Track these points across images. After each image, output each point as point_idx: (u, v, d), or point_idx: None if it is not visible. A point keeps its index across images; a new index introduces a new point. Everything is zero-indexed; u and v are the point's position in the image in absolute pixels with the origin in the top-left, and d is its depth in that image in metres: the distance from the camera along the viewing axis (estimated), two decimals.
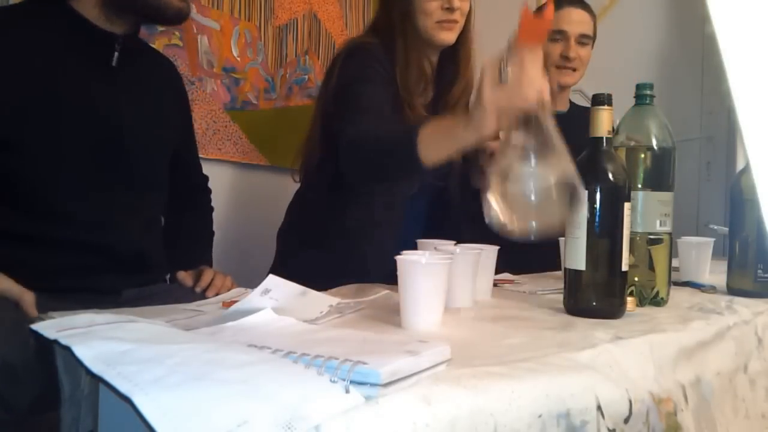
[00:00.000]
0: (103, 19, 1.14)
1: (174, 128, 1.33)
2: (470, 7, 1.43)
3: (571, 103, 1.98)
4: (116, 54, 1.15)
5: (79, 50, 1.12)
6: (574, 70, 1.86)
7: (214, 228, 1.48)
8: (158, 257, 1.25)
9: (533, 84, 0.89)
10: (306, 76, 2.37)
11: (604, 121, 0.97)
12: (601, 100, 0.97)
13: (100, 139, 1.12)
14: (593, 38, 1.88)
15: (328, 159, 1.45)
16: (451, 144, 1.03)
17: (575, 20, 1.84)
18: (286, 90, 2.27)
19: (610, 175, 0.95)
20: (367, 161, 1.20)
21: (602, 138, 0.96)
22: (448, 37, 1.39)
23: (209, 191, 1.48)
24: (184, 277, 1.27)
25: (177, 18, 1.17)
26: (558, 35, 1.84)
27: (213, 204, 1.50)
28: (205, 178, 1.47)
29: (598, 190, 0.93)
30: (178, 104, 1.36)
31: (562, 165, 0.84)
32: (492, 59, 0.92)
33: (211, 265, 1.35)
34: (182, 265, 1.30)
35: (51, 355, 0.69)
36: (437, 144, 1.04)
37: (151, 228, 1.24)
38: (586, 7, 1.88)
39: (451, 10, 1.36)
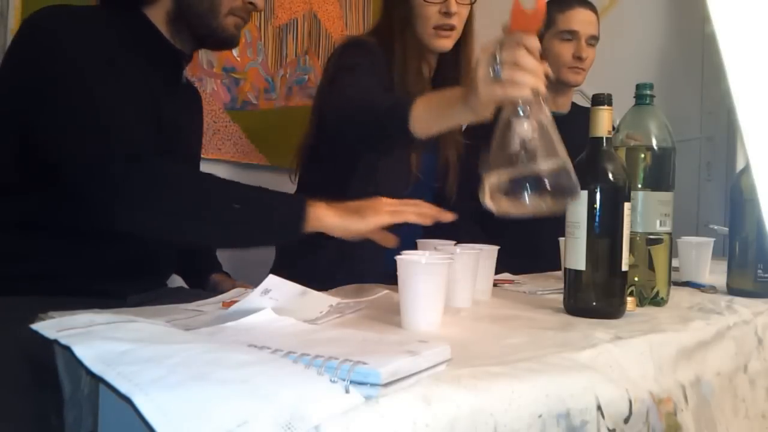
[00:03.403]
0: (170, 35, 1.14)
1: (199, 146, 1.37)
2: (471, 13, 1.43)
3: (572, 104, 1.98)
4: (184, 72, 1.17)
5: (151, 61, 1.10)
6: (584, 69, 1.86)
7: None
8: (169, 261, 1.25)
9: (527, 79, 0.86)
10: (306, 76, 2.37)
11: (604, 121, 0.97)
12: (600, 100, 0.97)
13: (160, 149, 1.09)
14: (598, 39, 1.88)
15: (321, 154, 1.47)
16: (445, 121, 1.03)
17: (586, 20, 1.84)
18: (286, 90, 2.28)
19: (610, 175, 0.95)
20: (355, 123, 1.18)
21: (602, 138, 0.96)
22: (445, 44, 1.40)
23: None
24: (224, 279, 1.34)
25: (227, 44, 1.17)
26: (569, 35, 1.84)
27: None
28: None
29: (598, 190, 0.93)
30: (201, 126, 1.39)
31: (556, 156, 0.83)
32: (486, 51, 0.90)
33: None
34: (213, 268, 1.38)
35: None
36: (431, 118, 1.02)
37: None
38: (593, 8, 1.88)
39: (448, 15, 1.36)
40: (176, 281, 1.37)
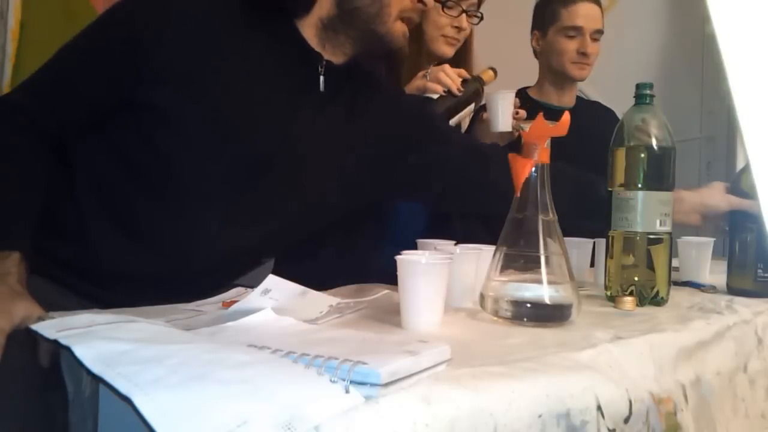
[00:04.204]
0: (319, 41, 1.06)
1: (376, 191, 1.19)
2: (471, 30, 1.61)
3: (577, 98, 1.98)
4: (322, 78, 1.05)
5: (279, 65, 1.03)
6: (589, 65, 1.87)
7: None
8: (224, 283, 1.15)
9: (445, 80, 1.41)
10: None
11: None
12: None
13: (260, 160, 1.02)
14: (602, 32, 1.89)
15: None
16: None
17: (590, 15, 1.85)
18: None
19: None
20: None
21: None
22: (449, 51, 1.56)
23: None
24: None
25: (393, 54, 1.12)
26: (573, 32, 1.84)
27: None
28: None
29: None
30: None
31: (565, 283, 0.88)
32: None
33: None
34: None
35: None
36: None
37: (245, 261, 1.15)
38: (597, 1, 1.88)
39: (459, 30, 1.54)
40: None
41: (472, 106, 1.46)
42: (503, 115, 1.44)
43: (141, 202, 1.01)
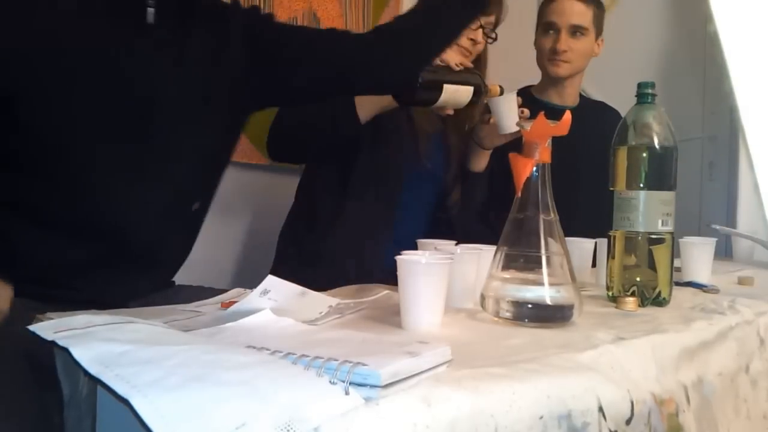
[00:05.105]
0: None
1: (233, 95, 1.17)
2: (485, 46, 1.64)
3: (581, 97, 1.97)
4: (151, 10, 1.04)
5: (106, 9, 1.02)
6: (566, 62, 1.84)
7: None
8: (176, 254, 1.18)
9: None
10: None
11: None
12: None
13: (125, 105, 1.01)
14: (596, 30, 1.85)
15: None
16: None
17: (566, 11, 1.82)
18: None
19: None
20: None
21: None
22: (466, 62, 1.55)
23: None
24: None
25: None
26: (549, 28, 1.84)
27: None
28: None
29: None
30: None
31: (567, 284, 0.89)
32: None
33: None
34: None
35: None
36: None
37: (175, 215, 1.13)
38: None
39: (474, 42, 1.58)
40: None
41: (462, 96, 1.42)
42: (509, 116, 1.45)
43: (44, 194, 1.00)
